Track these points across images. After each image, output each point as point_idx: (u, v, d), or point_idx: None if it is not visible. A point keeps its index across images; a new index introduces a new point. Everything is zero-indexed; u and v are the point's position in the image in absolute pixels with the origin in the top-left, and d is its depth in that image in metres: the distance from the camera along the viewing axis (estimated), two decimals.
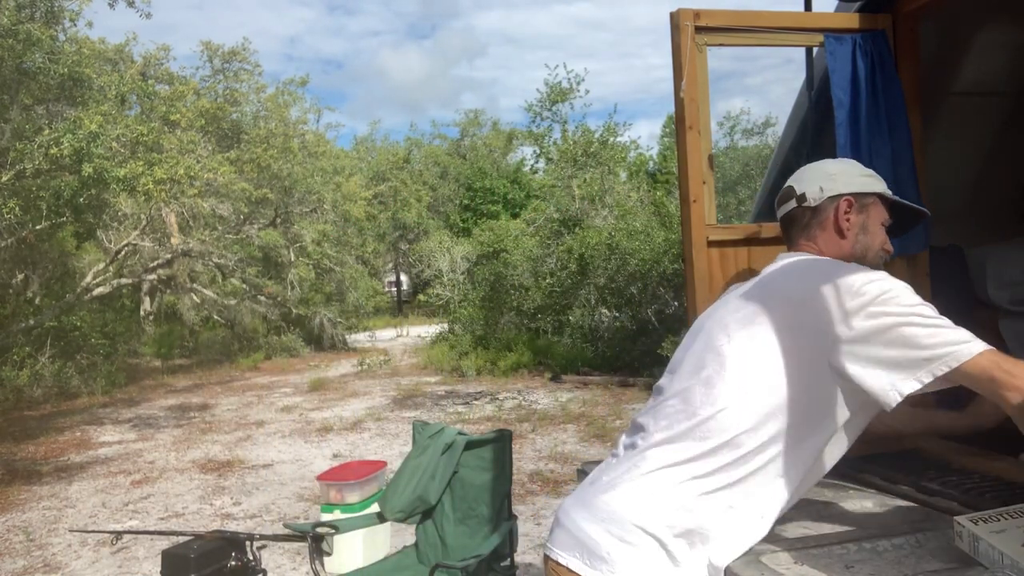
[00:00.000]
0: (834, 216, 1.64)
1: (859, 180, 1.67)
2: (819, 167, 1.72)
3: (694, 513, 1.41)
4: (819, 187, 1.66)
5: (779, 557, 1.54)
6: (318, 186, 18.73)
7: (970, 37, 3.01)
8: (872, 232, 1.66)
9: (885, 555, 1.55)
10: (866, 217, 1.65)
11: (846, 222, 1.64)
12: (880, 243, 1.67)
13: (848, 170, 1.69)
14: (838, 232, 1.64)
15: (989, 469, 2.21)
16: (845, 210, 1.64)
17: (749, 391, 1.44)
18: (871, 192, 1.67)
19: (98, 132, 9.38)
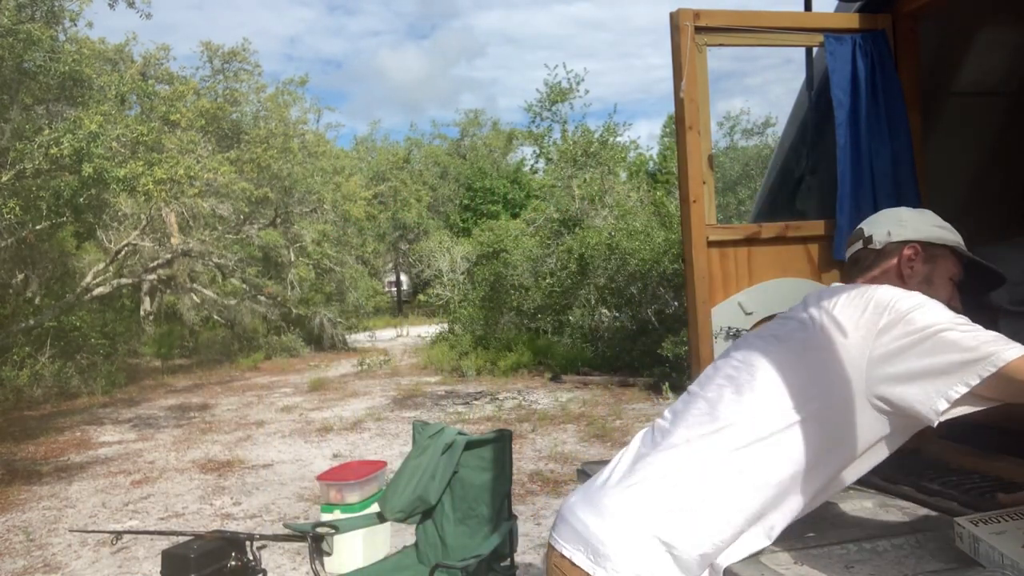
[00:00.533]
0: (897, 261, 1.59)
1: (930, 229, 1.62)
2: (893, 212, 1.68)
3: (702, 517, 1.40)
4: (887, 231, 1.61)
5: (779, 557, 1.54)
6: (318, 186, 18.73)
7: (970, 37, 3.01)
8: (937, 285, 1.59)
9: (885, 555, 1.55)
10: (932, 268, 1.59)
11: (909, 269, 1.58)
12: (944, 298, 1.54)
13: (921, 218, 1.65)
14: (899, 278, 1.58)
15: (989, 469, 2.21)
16: (910, 257, 1.59)
17: (775, 405, 1.42)
18: (942, 243, 1.61)
19: (98, 132, 9.38)
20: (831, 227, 2.58)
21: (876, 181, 2.56)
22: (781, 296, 2.57)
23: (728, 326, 2.52)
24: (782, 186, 3.03)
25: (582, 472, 2.80)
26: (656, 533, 1.39)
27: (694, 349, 2.51)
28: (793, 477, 1.43)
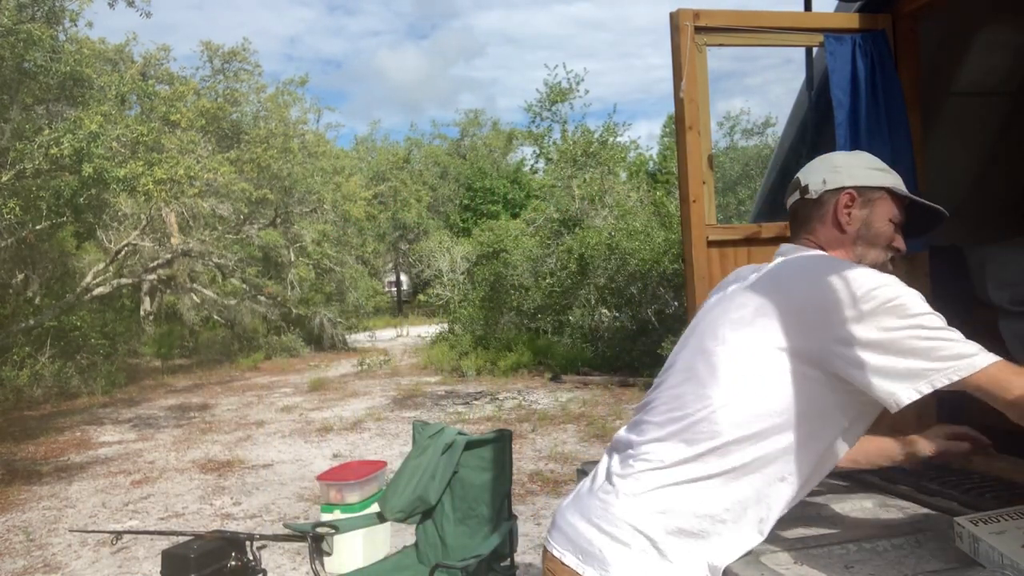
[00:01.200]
0: (833, 210, 1.56)
1: (865, 173, 1.59)
2: (827, 159, 1.64)
3: (686, 514, 1.40)
4: (822, 179, 1.58)
5: (779, 557, 1.54)
6: (318, 186, 18.73)
7: (970, 37, 3.01)
8: (877, 230, 1.57)
9: (885, 555, 1.55)
10: (870, 213, 1.57)
11: (846, 216, 1.56)
12: (886, 240, 1.58)
13: (855, 162, 1.61)
14: (837, 226, 1.56)
15: (989, 469, 2.21)
16: (846, 204, 1.56)
17: (742, 394, 1.40)
18: (878, 186, 1.58)
19: (98, 132, 9.38)
20: None
21: None
22: None
23: None
24: (782, 186, 3.02)
25: (582, 472, 2.80)
26: (643, 531, 1.39)
27: None
28: (770, 465, 1.42)
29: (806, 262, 1.52)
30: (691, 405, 1.43)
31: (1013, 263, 2.99)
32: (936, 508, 1.94)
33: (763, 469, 1.42)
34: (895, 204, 1.60)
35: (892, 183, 1.60)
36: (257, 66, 19.32)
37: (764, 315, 1.43)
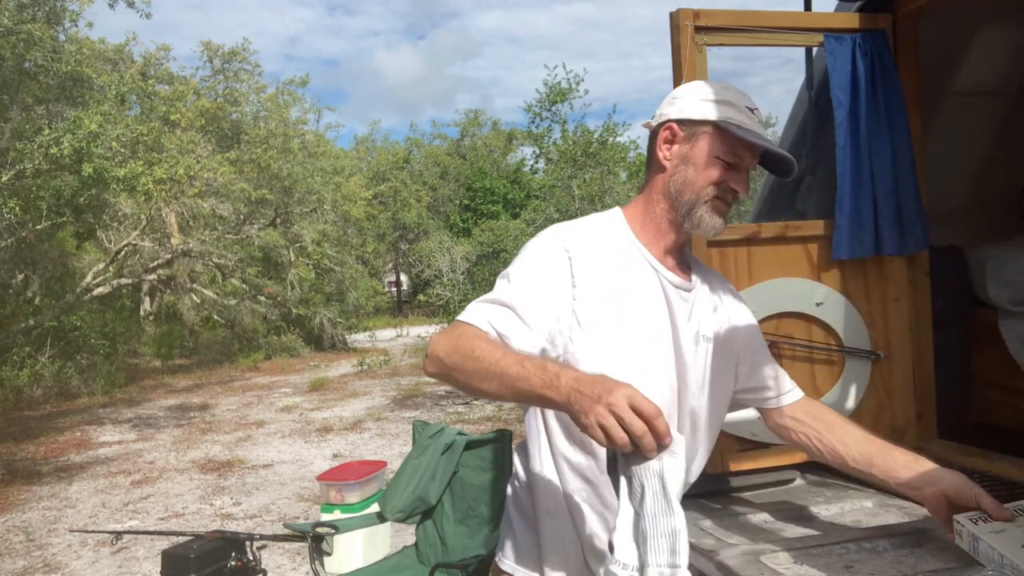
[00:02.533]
0: (657, 146, 1.45)
1: (696, 105, 1.41)
2: (678, 89, 1.48)
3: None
4: (660, 112, 1.46)
5: (779, 557, 1.54)
6: (318, 186, 18.72)
7: (970, 37, 3.01)
8: (697, 165, 1.40)
9: (885, 555, 1.55)
10: (691, 148, 1.41)
11: (667, 151, 1.43)
12: (707, 180, 1.39)
13: (695, 93, 1.44)
14: (659, 165, 1.44)
15: (989, 469, 2.21)
16: (666, 138, 1.43)
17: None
18: (703, 119, 1.40)
19: (98, 132, 9.38)
20: (831, 227, 2.58)
21: (876, 181, 2.56)
22: (781, 296, 2.57)
23: None
24: (782, 186, 3.03)
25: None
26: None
27: None
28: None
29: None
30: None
31: (1013, 263, 2.99)
32: None
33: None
34: (724, 140, 1.40)
35: (722, 117, 1.39)
36: (257, 66, 19.34)
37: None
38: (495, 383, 1.20)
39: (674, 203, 1.43)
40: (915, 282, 2.66)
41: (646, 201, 1.47)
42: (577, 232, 1.42)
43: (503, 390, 1.19)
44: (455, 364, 1.24)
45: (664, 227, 1.45)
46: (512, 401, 1.26)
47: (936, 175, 2.86)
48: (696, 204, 1.41)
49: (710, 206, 1.41)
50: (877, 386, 2.62)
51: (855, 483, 2.32)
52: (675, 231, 1.46)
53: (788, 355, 2.59)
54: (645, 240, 1.46)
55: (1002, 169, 3.32)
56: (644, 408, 1.02)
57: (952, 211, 3.15)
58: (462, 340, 1.25)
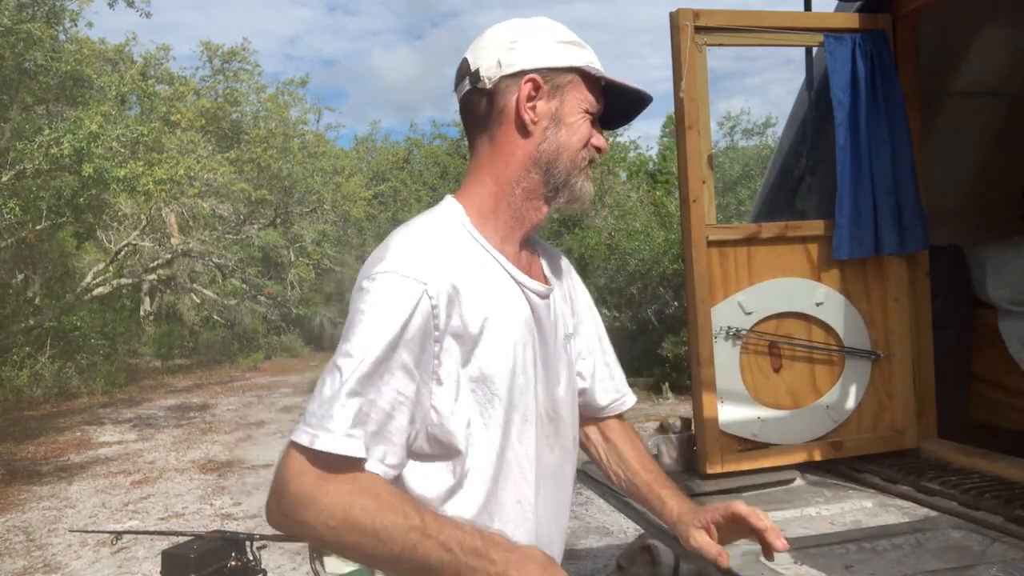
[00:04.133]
0: (515, 105, 1.13)
1: (551, 49, 1.15)
2: (500, 32, 1.17)
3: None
4: (496, 61, 1.13)
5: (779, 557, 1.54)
6: (318, 186, 18.71)
7: (970, 37, 3.01)
8: (570, 124, 1.16)
9: (885, 555, 1.55)
10: (560, 104, 1.15)
11: (531, 112, 1.13)
12: (581, 139, 1.16)
13: (534, 36, 1.16)
14: (521, 129, 1.14)
15: (989, 469, 2.21)
16: (529, 94, 1.13)
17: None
18: (568, 67, 1.15)
19: (98, 132, 9.38)
20: (831, 227, 2.58)
21: (876, 181, 2.56)
22: (781, 296, 2.58)
23: (728, 326, 2.52)
24: (782, 186, 3.03)
25: (582, 472, 2.80)
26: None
27: (694, 349, 2.51)
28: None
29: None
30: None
31: (1013, 263, 3.00)
32: (936, 508, 1.94)
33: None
34: (589, 88, 1.18)
35: (586, 61, 1.17)
36: (257, 66, 19.29)
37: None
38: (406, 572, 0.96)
39: (547, 174, 1.15)
40: (915, 282, 2.66)
41: (496, 182, 1.15)
42: (430, 263, 1.05)
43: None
44: (344, 542, 0.95)
45: (524, 212, 1.17)
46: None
47: (936, 175, 2.86)
48: (572, 171, 1.16)
49: (585, 172, 1.19)
50: (877, 386, 2.62)
51: (855, 483, 2.32)
52: (536, 213, 1.18)
53: (788, 355, 2.59)
54: (497, 238, 1.15)
55: (1002, 169, 3.32)
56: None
57: (952, 211, 3.15)
58: (355, 510, 0.93)
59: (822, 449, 2.50)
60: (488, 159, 1.17)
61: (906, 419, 2.58)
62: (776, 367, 2.56)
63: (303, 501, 0.93)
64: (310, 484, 0.93)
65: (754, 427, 2.53)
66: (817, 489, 2.33)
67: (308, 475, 0.94)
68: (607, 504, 2.69)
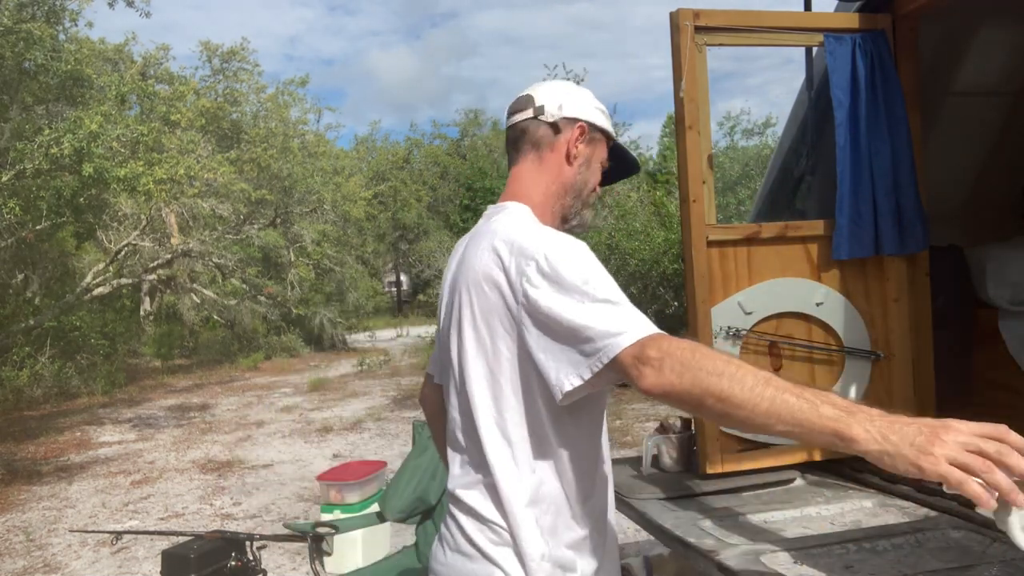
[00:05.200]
0: (566, 140, 1.50)
1: (593, 111, 1.54)
2: (562, 85, 1.57)
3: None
4: (559, 104, 1.51)
5: (779, 557, 1.54)
6: (318, 186, 18.71)
7: (970, 37, 3.01)
8: (593, 169, 1.54)
9: (885, 555, 1.55)
10: (592, 152, 1.53)
11: (575, 148, 1.50)
12: (596, 182, 1.55)
13: (585, 98, 1.55)
14: (567, 159, 1.51)
15: None
16: (578, 136, 1.51)
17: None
18: (602, 128, 1.55)
19: (98, 132, 9.38)
20: (831, 227, 2.58)
21: (876, 181, 2.56)
22: (781, 296, 2.58)
23: (728, 326, 2.52)
24: (782, 186, 3.03)
25: None
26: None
27: None
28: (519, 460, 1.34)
29: (483, 237, 1.41)
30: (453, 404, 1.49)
31: (1013, 263, 3.00)
32: (936, 508, 1.94)
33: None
34: (607, 150, 1.57)
35: (611, 128, 1.57)
36: (257, 66, 19.31)
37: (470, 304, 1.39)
38: (771, 416, 1.06)
39: (574, 200, 1.51)
40: (915, 282, 2.66)
41: (544, 194, 1.49)
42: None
43: (781, 425, 1.06)
44: (710, 386, 1.07)
45: (553, 223, 1.47)
46: (792, 437, 1.10)
47: (936, 175, 2.86)
48: (586, 203, 1.53)
49: (591, 207, 1.56)
50: (877, 386, 2.62)
51: (855, 483, 2.32)
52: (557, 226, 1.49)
53: (788, 355, 2.59)
54: None
55: (1002, 169, 3.32)
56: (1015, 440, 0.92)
57: (952, 211, 3.15)
58: (703, 353, 1.09)
59: (822, 449, 2.50)
60: (536, 174, 1.49)
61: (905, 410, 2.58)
62: (776, 367, 2.56)
63: (668, 345, 1.10)
64: (662, 339, 1.12)
65: None
66: (817, 489, 2.33)
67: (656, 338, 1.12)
68: None
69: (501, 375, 1.33)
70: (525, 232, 1.34)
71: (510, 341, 1.31)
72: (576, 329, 1.18)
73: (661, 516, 2.17)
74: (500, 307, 1.30)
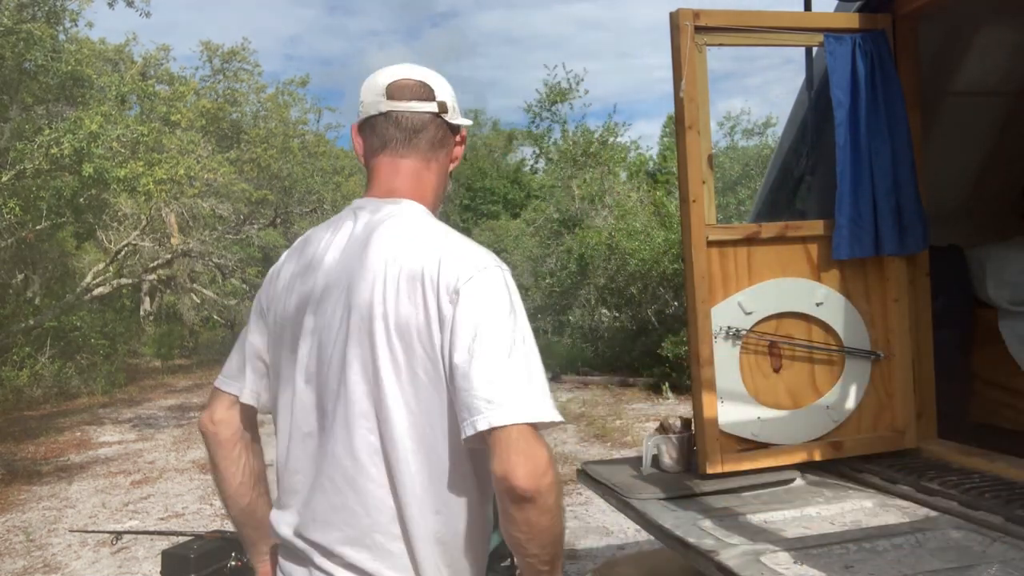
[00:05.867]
0: (456, 144, 1.44)
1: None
2: (445, 81, 1.44)
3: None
4: (453, 106, 1.41)
5: (779, 557, 1.54)
6: (318, 186, 18.71)
7: (970, 37, 3.01)
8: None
9: (885, 555, 1.55)
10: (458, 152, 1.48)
11: (457, 150, 1.45)
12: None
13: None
14: (451, 162, 1.45)
15: (989, 469, 2.21)
16: (459, 141, 1.45)
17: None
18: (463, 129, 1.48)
19: (98, 132, 9.38)
20: (831, 227, 2.58)
21: (876, 181, 2.56)
22: (781, 296, 2.58)
23: (728, 326, 2.52)
24: (782, 186, 3.03)
25: (582, 472, 2.80)
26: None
27: (694, 349, 2.51)
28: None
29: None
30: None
31: (1013, 263, 3.00)
32: (936, 508, 1.94)
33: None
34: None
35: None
36: (257, 66, 19.28)
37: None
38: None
39: (440, 205, 1.47)
40: (915, 282, 2.66)
41: (435, 197, 1.43)
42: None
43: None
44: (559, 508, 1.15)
45: None
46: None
47: (936, 175, 2.86)
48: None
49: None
50: (877, 386, 2.62)
51: (855, 483, 2.32)
52: None
53: (788, 355, 2.59)
54: None
55: (1002, 169, 3.32)
56: None
57: (952, 211, 3.15)
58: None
59: (822, 449, 2.50)
60: (429, 173, 1.40)
61: (906, 419, 2.58)
62: (776, 367, 2.56)
63: (547, 464, 1.14)
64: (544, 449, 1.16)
65: (754, 427, 2.53)
66: (817, 489, 2.33)
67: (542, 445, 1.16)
68: (607, 504, 2.69)
69: (422, 401, 1.20)
70: (458, 240, 1.29)
71: (429, 364, 1.19)
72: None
73: (661, 516, 2.17)
74: (423, 323, 1.19)
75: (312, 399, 1.30)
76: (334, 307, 1.26)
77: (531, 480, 1.09)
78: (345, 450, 1.23)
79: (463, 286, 1.18)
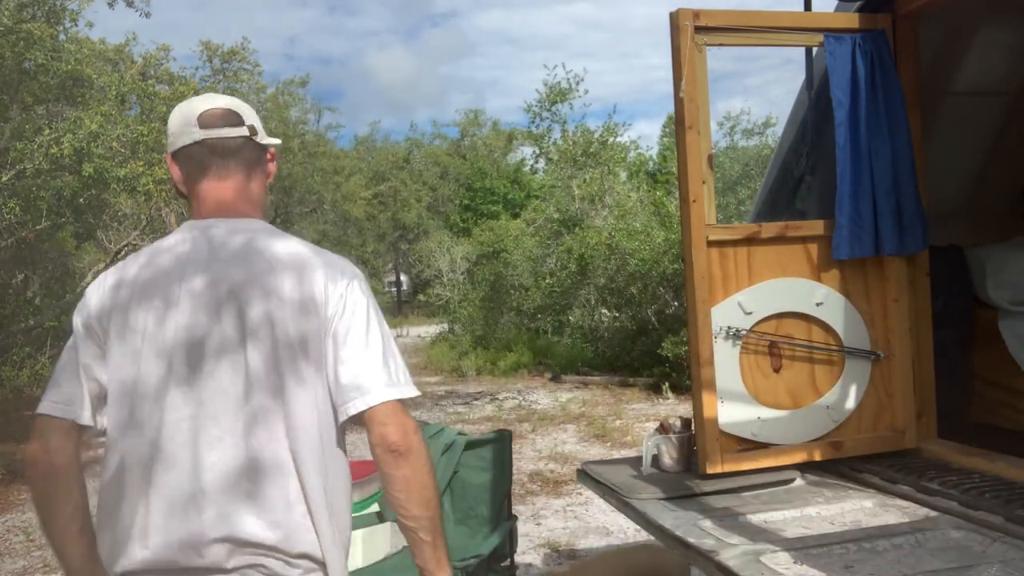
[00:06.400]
0: (269, 164, 1.60)
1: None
2: (247, 106, 1.59)
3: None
4: (259, 129, 1.56)
5: (779, 557, 1.54)
6: (318, 186, 18.75)
7: (970, 37, 3.01)
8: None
9: (885, 555, 1.55)
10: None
11: (271, 166, 1.61)
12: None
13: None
14: (266, 178, 1.61)
15: (989, 469, 2.21)
16: (270, 158, 1.60)
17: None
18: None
19: (98, 132, 9.38)
20: (831, 227, 2.58)
21: (876, 181, 2.56)
22: (781, 296, 2.58)
23: (728, 326, 2.52)
24: (782, 186, 3.03)
25: (582, 472, 2.80)
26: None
27: (694, 349, 2.51)
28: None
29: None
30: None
31: (1013, 263, 3.00)
32: (936, 508, 1.94)
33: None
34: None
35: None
36: (257, 66, 19.29)
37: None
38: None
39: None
40: (915, 282, 2.66)
41: (264, 211, 1.62)
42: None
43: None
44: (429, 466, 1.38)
45: None
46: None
47: (936, 175, 2.86)
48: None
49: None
50: (877, 386, 2.62)
51: (855, 483, 2.32)
52: None
53: (788, 355, 2.59)
54: None
55: (1002, 169, 3.32)
56: None
57: (952, 211, 3.15)
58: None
59: (822, 449, 2.50)
60: (250, 193, 1.55)
61: (906, 419, 2.58)
62: (776, 367, 2.56)
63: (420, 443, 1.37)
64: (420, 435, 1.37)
65: (754, 427, 2.53)
66: (817, 489, 2.33)
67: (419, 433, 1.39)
68: (607, 504, 2.69)
69: (319, 401, 1.38)
70: (326, 253, 1.50)
71: (313, 366, 1.38)
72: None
73: (661, 516, 2.17)
74: (313, 330, 1.38)
75: (190, 411, 1.34)
76: (216, 319, 1.35)
77: (403, 437, 1.33)
78: (247, 452, 1.33)
79: (340, 294, 1.41)
